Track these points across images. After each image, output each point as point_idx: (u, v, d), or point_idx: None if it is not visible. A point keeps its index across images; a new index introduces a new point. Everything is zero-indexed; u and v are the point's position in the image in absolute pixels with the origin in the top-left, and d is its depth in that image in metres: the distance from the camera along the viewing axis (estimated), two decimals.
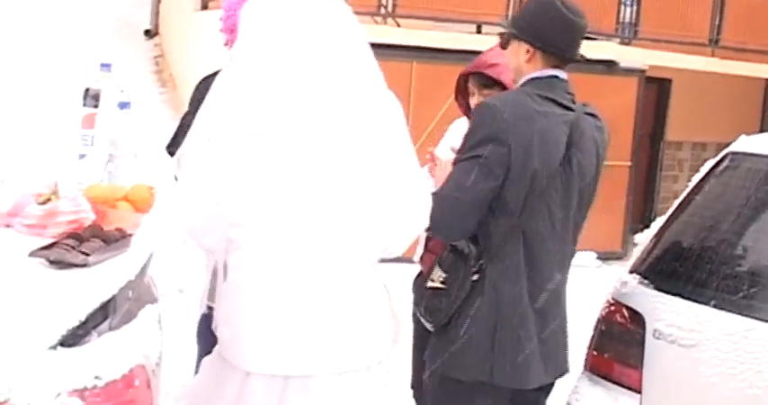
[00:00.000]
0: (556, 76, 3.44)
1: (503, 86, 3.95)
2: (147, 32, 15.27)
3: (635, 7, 11.98)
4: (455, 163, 3.34)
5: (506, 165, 3.25)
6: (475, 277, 3.32)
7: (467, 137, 3.35)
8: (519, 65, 3.47)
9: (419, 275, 3.98)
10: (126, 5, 16.12)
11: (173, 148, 4.21)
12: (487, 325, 3.33)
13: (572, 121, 3.37)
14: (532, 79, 3.43)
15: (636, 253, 4.10)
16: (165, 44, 14.64)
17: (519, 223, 3.31)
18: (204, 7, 12.03)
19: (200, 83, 4.26)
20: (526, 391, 3.45)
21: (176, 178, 3.68)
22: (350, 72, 2.75)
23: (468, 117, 4.06)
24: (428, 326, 3.48)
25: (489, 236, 3.34)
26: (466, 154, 3.29)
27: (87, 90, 3.57)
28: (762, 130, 15.24)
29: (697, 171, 4.16)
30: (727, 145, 4.06)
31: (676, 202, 4.12)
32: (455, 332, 3.35)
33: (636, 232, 13.51)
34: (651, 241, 4.03)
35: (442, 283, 3.32)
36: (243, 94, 2.70)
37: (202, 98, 2.84)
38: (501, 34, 3.54)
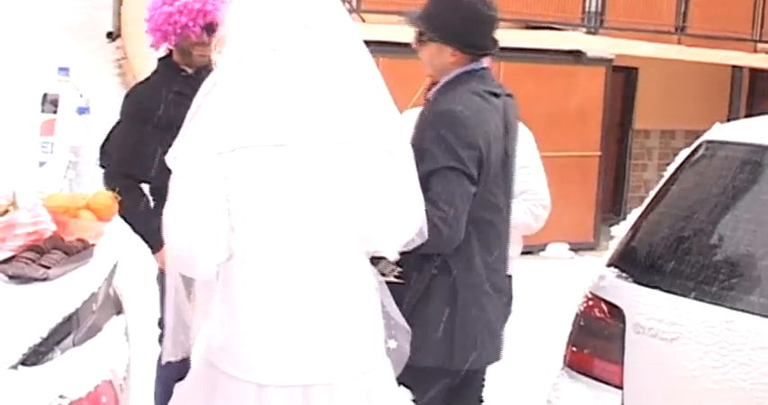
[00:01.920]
0: (483, 68, 3.53)
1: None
2: (109, 35, 15.08)
3: None
4: (432, 171, 3.28)
5: (479, 166, 3.33)
6: (435, 271, 3.38)
7: (436, 143, 3.31)
8: (443, 64, 3.49)
9: None
10: (87, 8, 15.93)
11: (103, 160, 4.03)
12: (446, 313, 3.40)
13: (503, 108, 3.50)
14: (466, 74, 3.48)
15: (613, 246, 4.04)
16: (128, 46, 14.47)
17: (472, 214, 3.36)
18: None
19: (131, 92, 4.19)
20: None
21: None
22: (359, 76, 2.74)
23: None
24: None
25: None
26: (439, 162, 3.28)
27: (45, 95, 3.47)
28: (730, 116, 15.34)
29: (666, 159, 4.13)
30: (696, 132, 4.02)
31: (652, 193, 4.06)
32: (415, 323, 3.28)
33: (608, 222, 13.55)
34: (628, 233, 3.97)
35: (397, 277, 3.30)
36: (252, 105, 2.65)
37: (136, 111, 2.72)
38: (419, 33, 3.52)
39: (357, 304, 2.80)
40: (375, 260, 3.14)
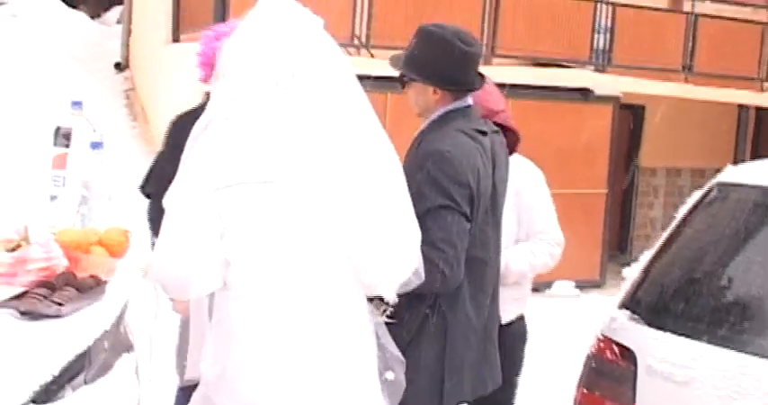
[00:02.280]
0: (468, 106, 3.53)
1: (511, 131, 3.97)
2: (117, 66, 15.14)
3: (608, 34, 11.98)
4: (426, 212, 3.27)
5: (470, 204, 3.34)
6: (428, 311, 3.39)
7: (427, 183, 3.31)
8: (427, 104, 3.49)
9: None
10: (95, 38, 16.02)
11: (147, 188, 4.10)
12: (437, 350, 3.42)
13: (490, 145, 3.51)
14: (451, 112, 3.48)
15: (625, 287, 4.01)
16: (135, 77, 14.52)
17: (466, 253, 3.36)
18: (176, 40, 11.93)
19: (176, 121, 4.16)
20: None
21: (152, 222, 3.56)
22: (350, 115, 2.76)
23: None
24: None
25: None
26: (432, 202, 3.28)
27: (58, 129, 3.44)
28: (736, 155, 15.33)
29: (672, 197, 4.13)
30: (703, 170, 4.03)
31: (664, 235, 4.04)
32: (407, 364, 3.28)
33: (614, 260, 13.50)
34: (640, 275, 3.94)
35: (389, 317, 3.28)
36: (248, 142, 2.68)
37: (178, 138, 2.75)
38: (402, 76, 3.54)
39: (352, 339, 2.81)
40: (368, 300, 3.14)
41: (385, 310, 3.27)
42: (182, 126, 3.92)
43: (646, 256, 4.06)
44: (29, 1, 16.77)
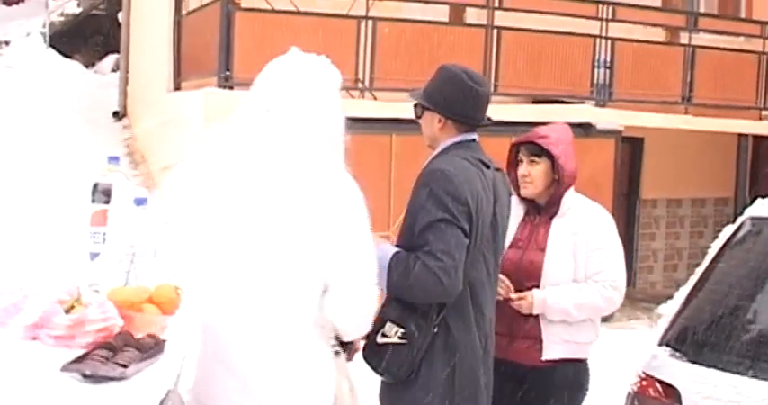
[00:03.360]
0: (473, 140, 3.68)
1: (551, 157, 4.10)
2: (115, 114, 15.15)
3: (608, 69, 12.02)
4: (426, 226, 3.40)
5: (469, 221, 3.43)
6: (436, 329, 3.47)
7: (428, 199, 3.43)
8: (433, 133, 3.68)
9: None
10: (91, 87, 16.03)
11: None
12: (446, 370, 3.48)
13: (492, 178, 3.64)
14: (456, 144, 3.64)
15: (662, 324, 4.01)
16: (135, 125, 14.52)
17: (466, 273, 3.45)
18: (177, 88, 11.94)
19: None
20: None
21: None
22: (315, 157, 2.90)
23: (514, 190, 4.14)
24: (388, 379, 3.57)
25: None
26: (432, 216, 3.39)
27: (96, 185, 3.43)
28: (737, 184, 15.36)
29: (674, 228, 4.18)
30: (703, 200, 4.07)
31: (698, 271, 4.05)
32: (417, 382, 3.48)
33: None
34: (678, 312, 3.94)
35: (400, 337, 3.44)
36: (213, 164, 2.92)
37: None
38: (415, 106, 3.74)
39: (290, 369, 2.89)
40: (379, 322, 3.39)
41: (396, 332, 3.43)
42: None
43: (681, 293, 4.06)
44: (24, 52, 16.83)
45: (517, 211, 4.15)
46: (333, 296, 2.89)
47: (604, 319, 12.94)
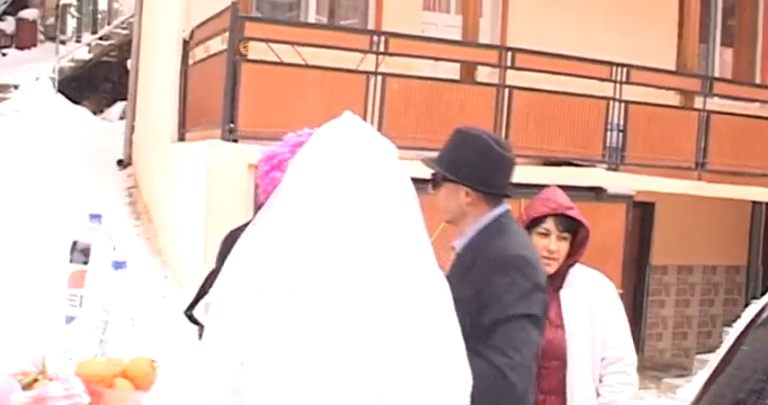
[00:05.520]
0: (508, 210, 3.46)
1: (585, 228, 3.91)
2: (119, 162, 15.01)
3: (621, 132, 11.84)
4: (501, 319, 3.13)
5: (543, 309, 3.30)
6: None
7: (506, 289, 3.19)
8: (460, 207, 3.40)
9: None
10: (98, 134, 15.94)
11: (192, 310, 3.82)
12: None
13: None
14: (504, 215, 3.40)
15: None
16: (138, 175, 14.35)
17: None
18: (181, 139, 11.77)
19: (227, 237, 3.94)
20: None
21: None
22: (396, 240, 2.49)
23: None
24: None
25: None
26: (516, 310, 3.16)
27: (75, 244, 3.19)
28: (750, 252, 15.12)
29: (684, 295, 4.01)
30: (714, 267, 3.89)
31: (720, 354, 3.79)
32: None
33: None
34: (696, 398, 3.68)
35: None
36: (279, 249, 2.49)
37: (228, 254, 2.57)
38: (433, 175, 3.46)
39: None
40: None
41: None
42: (233, 241, 3.72)
43: (701, 377, 3.83)
44: (32, 97, 16.76)
45: None
46: None
47: None
